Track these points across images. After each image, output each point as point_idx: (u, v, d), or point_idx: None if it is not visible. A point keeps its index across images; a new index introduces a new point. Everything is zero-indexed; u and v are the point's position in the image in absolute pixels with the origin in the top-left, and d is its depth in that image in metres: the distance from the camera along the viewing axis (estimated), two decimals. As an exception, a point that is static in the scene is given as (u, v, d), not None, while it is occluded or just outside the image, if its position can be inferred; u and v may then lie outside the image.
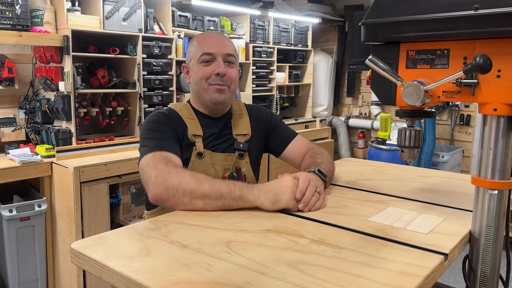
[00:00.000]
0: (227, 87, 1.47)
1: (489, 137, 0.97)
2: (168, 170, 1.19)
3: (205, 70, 1.45)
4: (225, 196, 1.13)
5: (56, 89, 2.65)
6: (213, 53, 1.45)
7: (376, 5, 1.04)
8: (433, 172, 1.76)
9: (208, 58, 1.45)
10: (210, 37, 1.51)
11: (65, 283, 2.52)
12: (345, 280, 0.79)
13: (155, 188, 1.17)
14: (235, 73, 1.51)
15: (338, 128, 5.01)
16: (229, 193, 1.13)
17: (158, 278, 0.79)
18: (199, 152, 1.43)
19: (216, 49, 1.46)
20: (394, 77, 1.01)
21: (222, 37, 1.52)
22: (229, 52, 1.48)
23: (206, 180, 1.15)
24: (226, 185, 1.14)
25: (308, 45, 4.55)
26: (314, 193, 1.19)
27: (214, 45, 1.47)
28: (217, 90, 1.45)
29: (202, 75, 1.46)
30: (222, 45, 1.47)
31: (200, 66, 1.46)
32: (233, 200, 1.14)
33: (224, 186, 1.14)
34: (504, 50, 0.90)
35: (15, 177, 2.35)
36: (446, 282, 2.86)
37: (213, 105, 1.48)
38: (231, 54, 1.48)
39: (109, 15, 2.76)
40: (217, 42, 1.48)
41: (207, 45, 1.47)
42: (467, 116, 4.30)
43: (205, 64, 1.46)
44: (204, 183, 1.14)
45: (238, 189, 1.14)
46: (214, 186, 1.14)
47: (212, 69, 1.45)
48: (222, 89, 1.46)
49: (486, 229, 1.00)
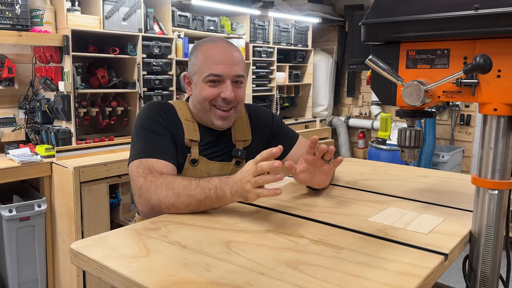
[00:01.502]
0: (233, 108, 1.38)
1: (489, 137, 0.97)
2: (147, 187, 1.19)
3: (210, 92, 1.34)
4: (204, 201, 1.12)
5: (56, 89, 2.65)
6: (221, 75, 1.33)
7: (376, 5, 1.04)
8: (433, 172, 1.76)
9: (216, 79, 1.34)
10: (218, 53, 1.35)
11: (65, 283, 2.52)
12: (345, 280, 0.79)
13: (140, 206, 1.21)
14: (243, 93, 1.40)
15: (338, 128, 5.01)
16: (206, 198, 1.12)
17: (157, 278, 0.79)
18: (193, 159, 1.37)
19: (225, 71, 1.33)
20: (394, 77, 1.01)
21: (231, 53, 1.36)
22: (238, 73, 1.35)
23: (183, 189, 1.13)
24: (202, 190, 1.12)
25: (308, 45, 4.55)
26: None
27: (223, 64, 1.33)
28: (221, 117, 1.36)
29: (207, 96, 1.34)
30: (231, 65, 1.34)
31: (205, 85, 1.34)
32: (213, 203, 1.13)
33: (200, 193, 1.12)
34: (504, 50, 0.90)
35: (15, 177, 2.35)
36: (446, 282, 2.86)
37: (214, 128, 1.40)
38: (240, 75, 1.36)
39: (109, 15, 2.76)
40: (226, 60, 1.34)
41: (215, 62, 1.33)
42: (467, 116, 4.30)
43: (211, 84, 1.34)
44: (181, 195, 1.13)
45: (213, 192, 1.11)
46: (191, 194, 1.12)
47: (218, 91, 1.34)
48: (226, 116, 1.37)
49: (486, 229, 1.00)
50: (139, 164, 1.25)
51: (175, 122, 1.38)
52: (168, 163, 1.29)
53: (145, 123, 1.34)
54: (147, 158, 1.26)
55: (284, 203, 1.24)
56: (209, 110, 1.37)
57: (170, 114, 1.39)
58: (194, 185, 1.13)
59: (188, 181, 1.15)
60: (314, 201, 1.28)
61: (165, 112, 1.38)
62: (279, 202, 1.26)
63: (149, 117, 1.35)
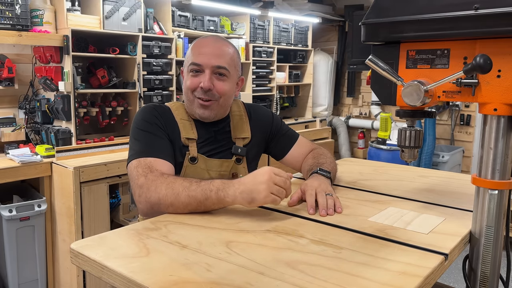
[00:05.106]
0: (215, 102, 1.39)
1: (489, 137, 0.97)
2: (147, 186, 1.19)
3: (192, 81, 1.38)
4: (204, 202, 1.12)
5: (56, 89, 2.65)
6: (201, 64, 1.36)
7: (376, 5, 1.04)
8: (433, 172, 1.76)
9: (196, 69, 1.37)
10: (204, 45, 1.40)
11: (65, 283, 2.52)
12: (345, 280, 0.79)
13: (140, 205, 1.22)
14: (226, 86, 1.39)
15: (338, 128, 5.01)
16: (206, 199, 1.12)
17: (157, 278, 0.79)
18: (192, 157, 1.38)
19: (205, 60, 1.36)
20: (394, 77, 1.01)
21: (217, 46, 1.39)
22: (219, 64, 1.36)
23: (183, 189, 1.13)
24: (202, 191, 1.12)
25: (308, 45, 4.55)
26: (326, 196, 1.19)
27: (205, 55, 1.36)
28: (201, 106, 1.38)
29: (189, 86, 1.39)
30: (213, 56, 1.36)
31: (189, 75, 1.39)
32: (212, 204, 1.13)
33: (200, 193, 1.12)
34: (504, 50, 0.90)
35: (15, 177, 2.35)
36: (446, 282, 2.86)
37: (200, 118, 1.42)
38: (221, 67, 1.37)
39: (109, 15, 2.76)
40: (209, 52, 1.37)
41: (198, 53, 1.37)
42: (467, 116, 4.30)
43: (193, 74, 1.38)
44: (180, 194, 1.13)
45: (214, 194, 1.11)
46: (190, 195, 1.12)
47: (199, 81, 1.37)
48: (206, 105, 1.38)
49: (486, 229, 1.00)
50: (138, 164, 1.26)
51: (171, 123, 1.40)
52: (166, 162, 1.30)
53: (141, 125, 1.36)
54: (146, 158, 1.28)
55: (284, 203, 1.24)
56: (192, 100, 1.40)
57: (165, 115, 1.41)
58: (195, 186, 1.13)
59: (189, 182, 1.15)
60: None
61: (160, 113, 1.40)
62: (279, 202, 1.26)
63: (144, 119, 1.37)
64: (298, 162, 1.56)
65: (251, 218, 1.12)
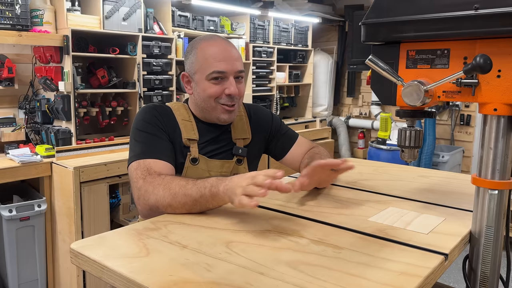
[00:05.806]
0: (236, 104, 1.40)
1: (489, 137, 0.97)
2: (145, 188, 1.19)
3: (215, 89, 1.36)
4: (200, 200, 1.12)
5: (56, 89, 2.65)
6: (225, 72, 1.35)
7: (376, 5, 1.04)
8: (433, 172, 1.76)
9: (220, 76, 1.35)
10: (218, 50, 1.37)
11: (65, 283, 2.52)
12: (345, 280, 0.79)
13: (139, 207, 1.23)
14: (243, 87, 1.44)
15: (338, 128, 5.01)
16: (201, 197, 1.12)
17: (157, 278, 0.79)
18: (193, 158, 1.38)
19: (228, 67, 1.35)
20: (394, 77, 1.01)
21: (230, 49, 1.39)
22: (241, 68, 1.39)
23: (180, 189, 1.14)
24: (197, 189, 1.12)
25: (308, 45, 4.55)
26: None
27: (224, 60, 1.35)
28: (227, 111, 1.38)
29: (212, 94, 1.36)
30: (233, 61, 1.36)
31: (209, 83, 1.36)
32: (207, 202, 1.13)
33: (195, 191, 1.12)
34: (504, 50, 0.90)
35: (15, 177, 2.35)
36: (446, 282, 2.86)
37: (220, 123, 1.42)
38: (242, 71, 1.40)
39: (109, 15, 2.76)
40: (228, 57, 1.36)
41: (216, 60, 1.35)
42: (467, 116, 4.30)
43: (215, 82, 1.36)
44: (177, 195, 1.13)
45: (207, 190, 1.11)
46: (187, 193, 1.13)
47: (223, 88, 1.36)
48: (231, 110, 1.39)
49: (486, 229, 1.00)
50: (138, 166, 1.26)
51: (172, 123, 1.39)
52: (166, 163, 1.30)
53: (141, 126, 1.36)
54: (145, 159, 1.27)
55: (284, 203, 1.25)
56: (215, 107, 1.38)
57: (166, 115, 1.40)
58: (191, 185, 1.14)
59: (186, 181, 1.16)
60: (314, 201, 1.28)
61: (161, 114, 1.39)
62: (279, 202, 1.26)
63: (145, 119, 1.37)
64: (298, 162, 1.56)
65: (251, 218, 1.12)
